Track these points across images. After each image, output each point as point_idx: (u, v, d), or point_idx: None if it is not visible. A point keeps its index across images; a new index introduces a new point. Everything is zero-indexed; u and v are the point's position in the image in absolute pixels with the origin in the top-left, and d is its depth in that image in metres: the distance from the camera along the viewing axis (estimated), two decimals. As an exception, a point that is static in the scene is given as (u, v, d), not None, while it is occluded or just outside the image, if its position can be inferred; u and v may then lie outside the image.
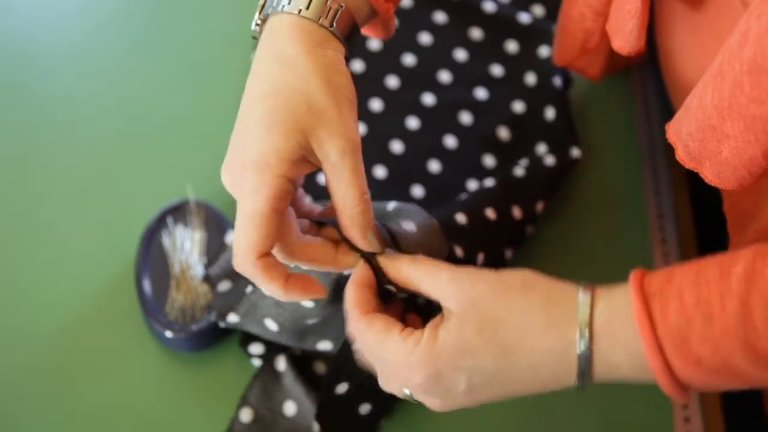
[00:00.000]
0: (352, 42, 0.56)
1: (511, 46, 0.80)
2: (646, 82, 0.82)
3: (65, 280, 0.70)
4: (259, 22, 0.56)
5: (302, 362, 0.67)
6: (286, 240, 0.54)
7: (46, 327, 0.69)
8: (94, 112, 0.78)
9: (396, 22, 0.63)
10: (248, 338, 0.67)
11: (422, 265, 0.54)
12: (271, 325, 0.64)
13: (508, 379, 0.50)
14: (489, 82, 0.79)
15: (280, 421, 0.66)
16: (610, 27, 0.59)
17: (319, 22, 0.53)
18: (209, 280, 0.68)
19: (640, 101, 0.81)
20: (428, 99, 0.78)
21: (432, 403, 0.53)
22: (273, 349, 0.67)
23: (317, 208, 0.58)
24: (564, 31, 0.68)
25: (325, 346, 0.64)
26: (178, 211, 0.72)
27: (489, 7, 0.81)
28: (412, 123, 0.76)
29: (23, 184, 0.75)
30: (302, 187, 0.58)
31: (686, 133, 0.51)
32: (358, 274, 0.55)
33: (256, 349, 0.67)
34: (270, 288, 0.52)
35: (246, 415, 0.65)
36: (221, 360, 0.68)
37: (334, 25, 0.53)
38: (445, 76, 0.79)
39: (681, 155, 0.52)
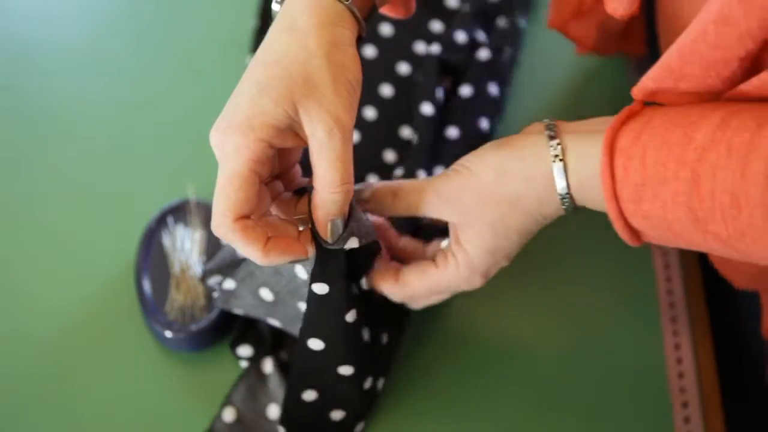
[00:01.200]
0: (369, 21, 0.56)
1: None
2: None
3: (65, 280, 0.70)
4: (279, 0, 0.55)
5: (289, 367, 0.67)
6: (258, 212, 0.53)
7: (46, 327, 0.69)
8: (94, 112, 0.78)
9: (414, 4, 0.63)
10: (237, 340, 0.67)
11: (407, 193, 0.59)
12: (267, 295, 0.63)
13: (530, 234, 0.58)
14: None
15: (262, 423, 0.65)
16: None
17: None
18: (203, 274, 0.68)
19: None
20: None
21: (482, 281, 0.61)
22: (261, 352, 0.67)
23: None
24: None
25: (316, 345, 0.63)
26: (179, 211, 0.72)
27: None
28: (426, 109, 0.76)
29: (23, 184, 0.75)
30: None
31: (646, 78, 0.53)
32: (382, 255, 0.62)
33: (244, 351, 0.67)
34: (248, 251, 0.51)
35: (229, 414, 0.65)
36: (221, 360, 0.68)
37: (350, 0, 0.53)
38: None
39: (635, 91, 0.54)
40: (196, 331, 0.67)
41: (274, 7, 0.56)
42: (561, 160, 0.53)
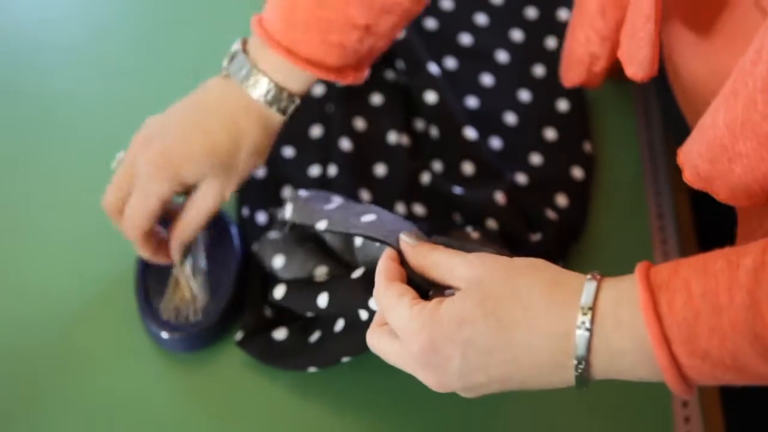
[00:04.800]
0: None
1: (517, 35, 0.81)
2: (647, 84, 0.82)
3: (64, 280, 0.71)
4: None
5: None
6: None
7: (45, 326, 0.69)
8: (94, 112, 0.78)
9: (367, 72, 0.67)
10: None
11: (439, 251, 0.54)
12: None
13: (504, 359, 0.49)
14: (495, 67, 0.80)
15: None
16: (622, 54, 0.59)
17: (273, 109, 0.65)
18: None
19: (640, 103, 0.81)
20: (450, 63, 0.80)
21: (428, 379, 0.52)
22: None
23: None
24: (570, 54, 0.68)
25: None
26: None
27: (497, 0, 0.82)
28: (430, 97, 0.76)
29: (23, 184, 0.75)
30: None
31: (696, 154, 0.50)
32: (391, 252, 0.56)
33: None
34: (153, 257, 0.67)
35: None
36: (218, 360, 0.68)
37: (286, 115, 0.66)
38: (451, 61, 0.80)
39: (688, 177, 0.52)
40: (193, 332, 0.66)
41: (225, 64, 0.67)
42: (596, 282, 0.48)
